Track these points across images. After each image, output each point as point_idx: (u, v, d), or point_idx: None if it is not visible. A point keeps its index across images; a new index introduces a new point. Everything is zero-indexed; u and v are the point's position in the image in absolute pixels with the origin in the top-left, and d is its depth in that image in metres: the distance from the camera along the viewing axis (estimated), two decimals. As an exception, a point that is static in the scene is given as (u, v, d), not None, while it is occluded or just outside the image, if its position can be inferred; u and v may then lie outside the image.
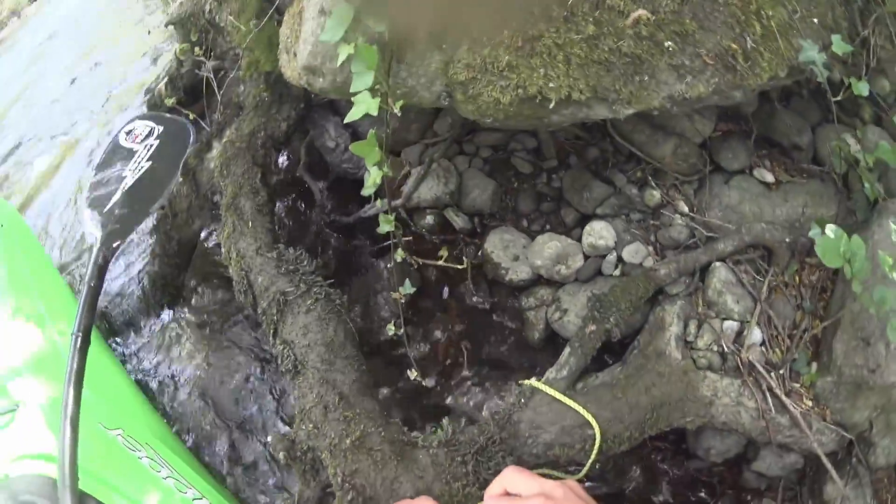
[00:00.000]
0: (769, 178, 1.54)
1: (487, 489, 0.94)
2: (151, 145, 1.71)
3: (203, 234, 1.76)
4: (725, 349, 1.34)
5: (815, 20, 1.48)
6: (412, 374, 1.32)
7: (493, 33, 1.07)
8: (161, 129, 1.74)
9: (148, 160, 1.69)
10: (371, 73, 1.02)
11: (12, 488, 1.24)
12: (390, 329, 1.25)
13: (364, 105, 1.01)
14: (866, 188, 1.50)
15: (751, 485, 1.54)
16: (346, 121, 1.04)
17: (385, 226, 1.15)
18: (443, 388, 1.46)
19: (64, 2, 4.05)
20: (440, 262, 1.21)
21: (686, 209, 1.44)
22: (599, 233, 1.41)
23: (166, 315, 1.75)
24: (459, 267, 1.30)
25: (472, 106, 1.10)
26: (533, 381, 1.21)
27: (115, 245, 1.60)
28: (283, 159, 1.69)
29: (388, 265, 1.30)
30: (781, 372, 1.39)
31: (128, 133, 1.73)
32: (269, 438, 1.26)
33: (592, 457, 1.19)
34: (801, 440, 1.33)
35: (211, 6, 1.63)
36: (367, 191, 1.11)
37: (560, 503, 0.82)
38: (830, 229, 1.22)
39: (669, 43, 1.21)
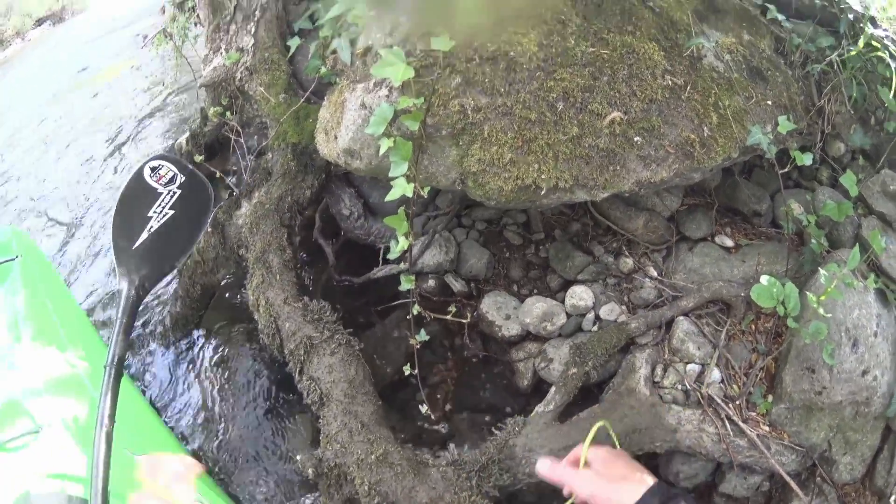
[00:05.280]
0: (729, 243, 2.09)
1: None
2: (174, 193, 2.04)
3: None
4: (688, 387, 1.85)
5: (770, 102, 1.98)
6: (423, 408, 1.82)
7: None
8: (183, 178, 2.07)
9: (171, 208, 2.07)
10: (406, 163, 1.53)
11: None
12: (406, 370, 1.75)
13: (401, 188, 1.52)
14: (813, 244, 1.96)
15: (722, 508, 2.03)
16: (386, 199, 1.55)
17: (406, 284, 1.66)
18: (444, 425, 1.97)
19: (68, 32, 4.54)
20: (449, 317, 1.70)
21: (655, 273, 1.99)
22: (580, 295, 1.95)
23: (183, 347, 2.22)
24: (464, 321, 1.81)
25: (480, 191, 1.63)
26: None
27: (146, 286, 2.02)
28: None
29: (398, 319, 1.77)
30: (738, 403, 1.87)
31: (153, 169, 2.00)
32: (298, 457, 1.71)
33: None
34: (761, 460, 1.77)
35: (242, 75, 2.13)
36: (394, 254, 1.61)
37: None
38: (765, 278, 1.71)
39: (638, 138, 1.71)
